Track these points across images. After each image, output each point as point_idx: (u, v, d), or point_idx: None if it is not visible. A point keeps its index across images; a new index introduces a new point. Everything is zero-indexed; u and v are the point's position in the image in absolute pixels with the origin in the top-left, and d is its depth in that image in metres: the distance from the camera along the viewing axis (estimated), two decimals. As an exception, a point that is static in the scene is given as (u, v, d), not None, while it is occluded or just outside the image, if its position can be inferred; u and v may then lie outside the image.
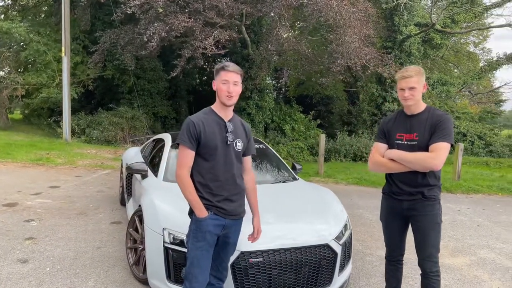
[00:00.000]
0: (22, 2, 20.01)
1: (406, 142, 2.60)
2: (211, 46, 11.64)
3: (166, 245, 2.89)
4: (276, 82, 20.38)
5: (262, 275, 2.78)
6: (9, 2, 19.72)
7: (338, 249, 3.07)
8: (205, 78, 22.51)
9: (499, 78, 64.33)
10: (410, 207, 2.62)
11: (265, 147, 4.84)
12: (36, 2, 20.06)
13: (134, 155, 5.63)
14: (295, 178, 4.40)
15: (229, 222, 2.40)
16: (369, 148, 14.45)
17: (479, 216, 6.68)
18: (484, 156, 17.13)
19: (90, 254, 3.95)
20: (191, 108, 19.99)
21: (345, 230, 3.30)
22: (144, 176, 4.16)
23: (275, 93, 19.92)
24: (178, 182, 2.33)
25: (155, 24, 11.27)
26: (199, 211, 2.31)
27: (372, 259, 4.29)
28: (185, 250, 2.74)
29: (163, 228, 2.94)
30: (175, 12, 11.47)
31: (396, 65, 15.06)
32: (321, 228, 3.15)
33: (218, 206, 2.35)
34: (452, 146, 2.50)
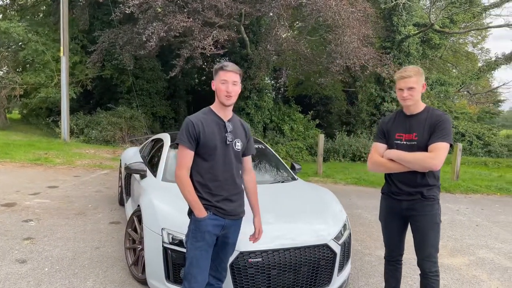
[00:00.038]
0: (21, 2, 19.97)
1: (405, 142, 2.60)
2: (210, 46, 11.64)
3: (165, 245, 2.88)
4: (275, 82, 20.36)
5: (261, 275, 2.77)
6: (7, 1, 19.70)
7: (337, 249, 3.07)
8: (204, 78, 22.50)
9: (498, 78, 64.73)
10: (409, 207, 2.62)
11: (264, 147, 4.83)
12: (34, 1, 20.02)
13: (133, 155, 5.62)
14: (294, 178, 4.40)
15: (228, 222, 2.40)
16: (368, 148, 14.46)
17: (478, 216, 6.69)
18: (482, 156, 17.17)
19: (88, 254, 3.94)
20: (190, 108, 19.98)
21: (344, 230, 3.30)
22: (143, 176, 4.16)
23: (274, 93, 19.92)
24: (177, 182, 2.33)
25: (154, 24, 11.26)
26: (198, 211, 2.30)
27: (371, 259, 4.29)
28: (184, 250, 2.73)
29: (162, 228, 2.94)
30: (174, 12, 11.47)
31: (395, 65, 15.07)
32: (320, 228, 3.15)
33: (217, 206, 2.35)
34: (451, 146, 2.50)
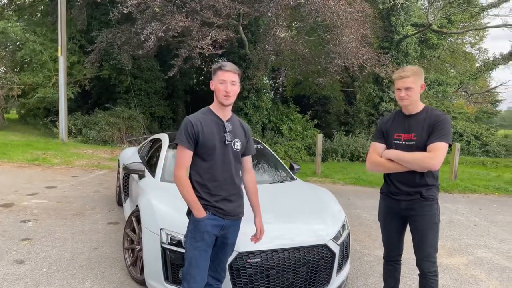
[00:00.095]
0: (18, 2, 19.92)
1: (404, 142, 2.60)
2: (208, 46, 11.62)
3: (163, 245, 2.87)
4: (273, 82, 20.39)
5: (260, 276, 2.77)
6: (5, 1, 19.65)
7: (336, 249, 3.07)
8: (202, 78, 22.50)
9: (495, 78, 64.74)
10: (408, 207, 2.62)
11: (262, 147, 4.83)
12: (32, 1, 19.98)
13: (131, 155, 5.61)
14: (293, 178, 4.39)
15: (227, 222, 2.40)
16: (366, 148, 14.48)
17: (476, 215, 6.70)
18: (480, 156, 17.22)
19: (87, 255, 3.93)
20: (188, 108, 19.96)
21: (343, 230, 3.30)
22: (141, 176, 4.14)
23: (272, 93, 19.94)
24: (176, 182, 2.32)
25: (152, 23, 11.25)
26: (197, 211, 2.30)
27: (369, 259, 4.30)
28: (182, 250, 2.73)
29: (161, 228, 2.93)
30: (172, 11, 11.45)
31: (393, 65, 15.11)
32: (319, 228, 3.14)
33: (216, 206, 2.34)
34: (450, 146, 2.50)
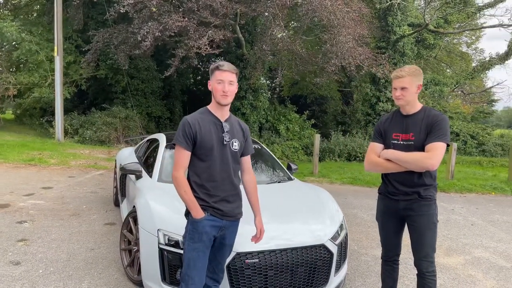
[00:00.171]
0: (14, 1, 19.82)
1: (402, 142, 2.60)
2: (205, 45, 11.60)
3: (161, 246, 2.86)
4: (270, 82, 20.39)
5: (258, 276, 2.76)
6: (0, 1, 19.53)
7: (334, 249, 3.07)
8: (199, 78, 22.46)
9: (492, 78, 65.29)
10: (406, 207, 2.62)
11: (260, 147, 4.82)
12: (28, 1, 19.86)
13: (128, 156, 5.59)
14: (291, 178, 4.39)
15: (226, 223, 2.38)
16: (363, 148, 14.51)
17: (473, 215, 6.72)
18: (477, 155, 17.28)
19: (83, 255, 3.90)
20: (185, 108, 19.92)
21: (340, 230, 3.29)
22: (138, 176, 4.13)
23: (270, 93, 19.90)
24: (174, 183, 2.31)
25: (149, 23, 11.22)
26: (196, 212, 2.29)
27: (367, 259, 4.30)
28: (180, 251, 2.72)
29: (158, 229, 2.91)
30: (169, 11, 11.43)
31: (390, 65, 15.15)
32: (316, 228, 3.14)
33: (214, 207, 2.33)
34: (447, 146, 2.50)
